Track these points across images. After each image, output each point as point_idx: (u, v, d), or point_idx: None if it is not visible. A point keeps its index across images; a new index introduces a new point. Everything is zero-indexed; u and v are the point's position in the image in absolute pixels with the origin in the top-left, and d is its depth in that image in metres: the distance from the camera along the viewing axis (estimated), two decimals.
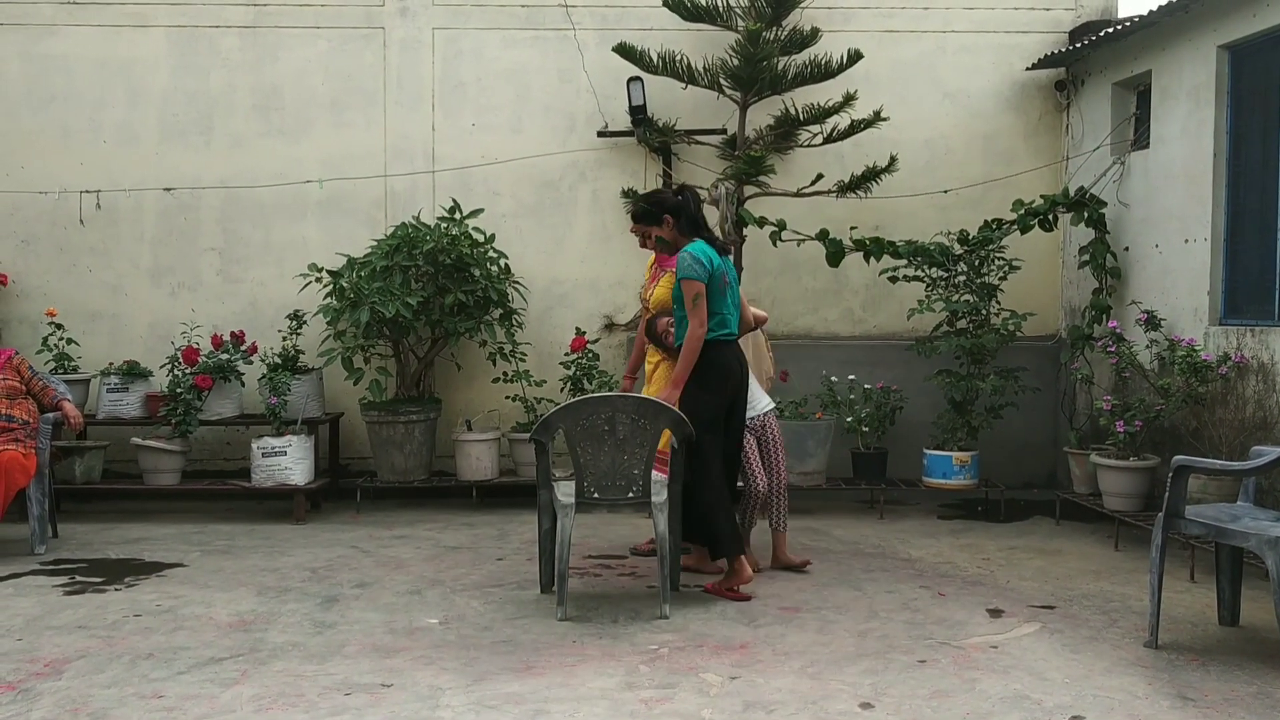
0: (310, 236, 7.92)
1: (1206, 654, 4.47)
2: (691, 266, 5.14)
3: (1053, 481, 7.86)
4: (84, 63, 7.88)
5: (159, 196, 7.92)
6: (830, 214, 7.64)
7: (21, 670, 4.23)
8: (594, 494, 4.99)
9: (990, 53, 8.06)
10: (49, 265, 7.89)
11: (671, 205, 5.37)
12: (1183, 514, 4.59)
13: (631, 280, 7.96)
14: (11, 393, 6.21)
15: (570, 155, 7.98)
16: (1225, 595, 4.84)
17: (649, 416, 4.96)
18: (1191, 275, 6.49)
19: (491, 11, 7.98)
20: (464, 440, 7.32)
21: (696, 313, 5.12)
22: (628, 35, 7.69)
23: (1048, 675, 4.21)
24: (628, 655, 4.41)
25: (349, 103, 7.96)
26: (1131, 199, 7.16)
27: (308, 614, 4.97)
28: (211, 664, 4.30)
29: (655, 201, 5.47)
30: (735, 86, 7.51)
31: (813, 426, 7.28)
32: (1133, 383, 6.82)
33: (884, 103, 7.63)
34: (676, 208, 5.36)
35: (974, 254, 7.36)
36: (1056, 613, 5.03)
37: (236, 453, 7.77)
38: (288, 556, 6.08)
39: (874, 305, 8.10)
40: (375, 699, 3.95)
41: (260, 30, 7.92)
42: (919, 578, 5.66)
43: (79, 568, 5.83)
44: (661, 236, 5.39)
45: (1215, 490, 5.70)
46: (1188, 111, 6.52)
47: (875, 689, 4.05)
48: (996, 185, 7.94)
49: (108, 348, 7.76)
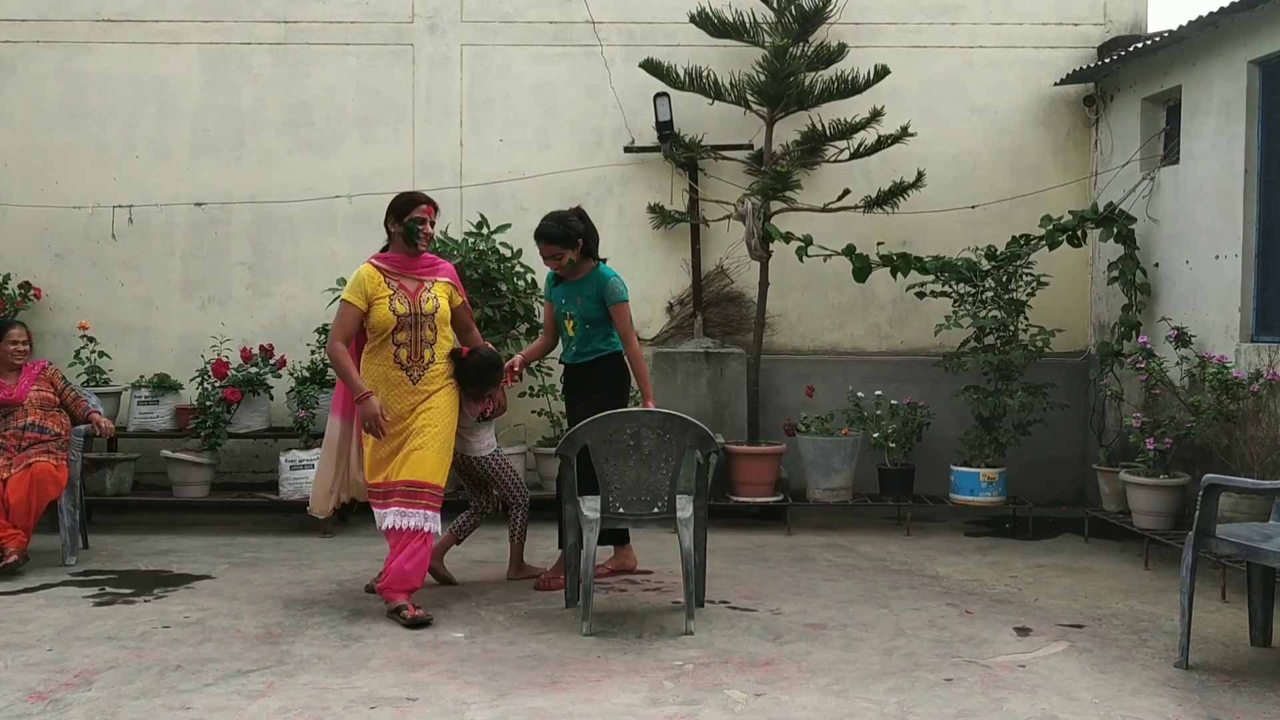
0: (339, 251, 7.98)
1: (1238, 675, 4.42)
2: (624, 291, 5.61)
3: (1081, 499, 7.80)
4: (118, 79, 7.99)
5: (190, 211, 8.01)
6: (857, 229, 7.64)
7: (52, 680, 4.26)
8: (619, 509, 5.00)
9: (1018, 68, 8.03)
10: (82, 279, 7.99)
11: (581, 230, 5.61)
12: (1214, 533, 4.54)
13: (657, 295, 7.99)
14: (45, 404, 6.29)
15: (597, 171, 8.01)
16: (1257, 616, 4.78)
17: (674, 431, 4.96)
18: (1222, 291, 6.43)
19: (519, 28, 8.04)
20: None
21: (634, 330, 5.69)
22: (654, 51, 7.73)
23: (1076, 695, 4.17)
24: (652, 671, 4.40)
25: (378, 118, 8.03)
26: (1161, 214, 7.11)
27: (334, 627, 4.99)
28: (239, 676, 4.32)
29: (569, 225, 5.60)
30: (762, 102, 7.52)
31: (839, 442, 7.26)
32: (1163, 400, 6.76)
33: (911, 118, 7.62)
34: (586, 232, 5.63)
35: (1002, 270, 7.33)
36: (1085, 632, 4.98)
37: (265, 465, 7.82)
38: (315, 569, 6.11)
39: (901, 321, 8.08)
40: (400, 713, 3.96)
41: (291, 47, 8.01)
42: (946, 595, 5.62)
43: (109, 579, 5.88)
44: (573, 259, 5.59)
45: (1247, 509, 5.65)
46: (1218, 127, 6.48)
47: (901, 707, 4.03)
48: (1025, 201, 7.91)
49: (139, 361, 7.84)
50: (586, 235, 5.64)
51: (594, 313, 5.62)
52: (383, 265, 5.24)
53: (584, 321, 5.64)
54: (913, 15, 8.05)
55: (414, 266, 5.28)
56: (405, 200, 5.30)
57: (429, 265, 5.34)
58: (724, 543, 6.63)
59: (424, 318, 5.19)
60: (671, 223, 7.96)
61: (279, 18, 8.01)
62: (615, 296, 5.58)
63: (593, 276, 5.64)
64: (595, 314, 5.62)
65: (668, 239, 8.06)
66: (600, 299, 5.59)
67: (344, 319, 5.20)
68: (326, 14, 8.01)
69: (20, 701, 4.04)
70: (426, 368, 5.20)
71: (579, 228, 5.62)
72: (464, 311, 5.49)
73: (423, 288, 5.24)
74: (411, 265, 5.27)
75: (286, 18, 8.01)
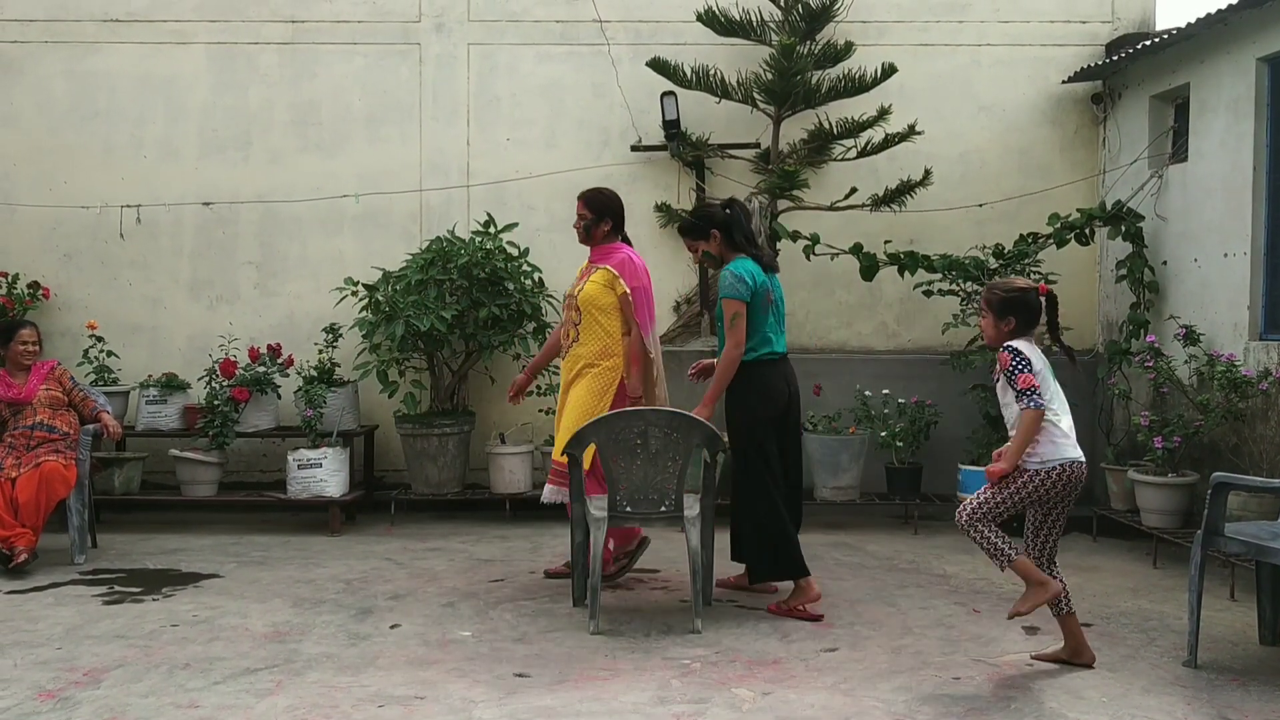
0: (346, 250, 7.99)
1: (1247, 674, 4.41)
2: (733, 285, 5.11)
3: (1089, 498, 7.76)
4: (126, 79, 8.01)
5: (198, 211, 8.02)
6: (864, 228, 7.63)
7: (61, 679, 4.28)
8: (626, 507, 5.00)
9: (1026, 66, 8.02)
10: (90, 278, 8.01)
11: (720, 220, 5.28)
12: (1222, 531, 4.53)
13: (664, 294, 7.98)
14: (54, 404, 6.31)
15: (604, 169, 8.01)
16: (1266, 614, 4.77)
17: (681, 430, 4.96)
18: (1231, 289, 6.42)
19: (526, 27, 8.04)
20: (497, 453, 7.35)
21: (734, 332, 5.09)
22: (661, 50, 7.72)
23: (1084, 694, 4.16)
24: (660, 669, 4.40)
25: (385, 118, 8.04)
26: (1169, 213, 7.09)
27: (342, 625, 5.00)
28: (247, 674, 4.33)
29: (703, 215, 5.39)
30: (769, 101, 7.51)
31: (846, 441, 7.25)
32: (1171, 398, 6.75)
33: (918, 116, 7.61)
34: (725, 222, 5.27)
35: (1009, 268, 7.31)
36: (1093, 630, 4.97)
37: (273, 465, 7.83)
38: (322, 568, 6.12)
39: (908, 319, 8.07)
40: (408, 711, 3.96)
41: (298, 47, 8.02)
42: (954, 594, 5.61)
43: (117, 578, 5.90)
44: (709, 251, 5.32)
45: (1256, 507, 5.63)
46: (1226, 125, 6.46)
47: (909, 706, 4.03)
48: (1032, 199, 7.89)
49: (147, 360, 7.86)
50: (726, 225, 5.23)
51: (719, 310, 5.22)
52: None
53: (719, 320, 5.22)
54: (920, 13, 8.03)
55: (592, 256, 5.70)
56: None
57: (601, 254, 5.64)
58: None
59: (572, 299, 5.61)
60: (678, 221, 7.95)
61: (286, 17, 8.01)
62: (719, 289, 5.17)
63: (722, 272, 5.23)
64: (719, 312, 5.22)
65: (675, 238, 8.01)
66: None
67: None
68: (334, 13, 8.02)
69: (30, 699, 4.05)
70: (570, 346, 5.56)
71: (717, 217, 5.25)
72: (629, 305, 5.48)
73: (588, 273, 5.63)
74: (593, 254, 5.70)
75: (294, 17, 8.01)
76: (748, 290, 5.11)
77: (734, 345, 5.09)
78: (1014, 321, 4.27)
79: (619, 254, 5.57)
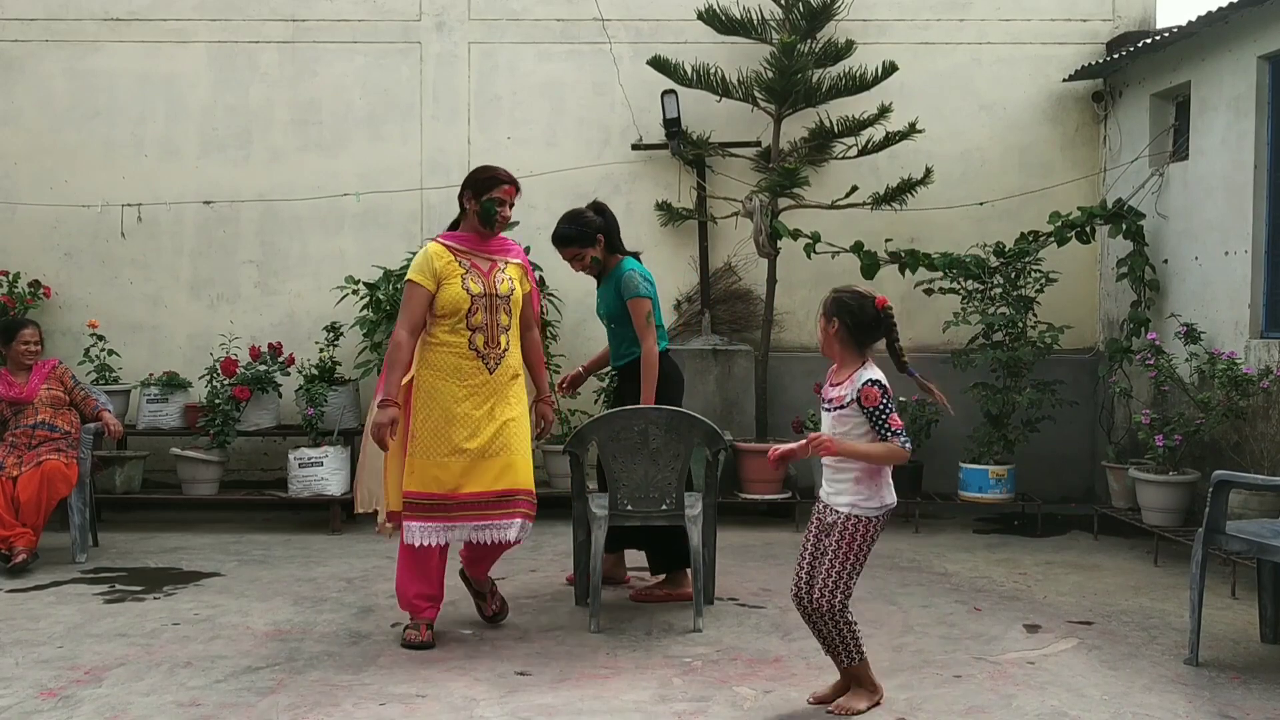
0: (347, 249, 7.99)
1: (1248, 672, 4.41)
2: (641, 285, 5.28)
3: (1090, 496, 7.78)
4: (126, 78, 8.01)
5: (198, 209, 8.02)
6: (865, 226, 7.62)
7: (63, 677, 4.28)
8: (627, 506, 5.00)
9: (1027, 64, 8.01)
10: (91, 277, 8.01)
11: (600, 225, 5.37)
12: (1223, 529, 4.53)
13: (665, 292, 7.93)
14: (55, 403, 6.31)
15: (604, 168, 8.01)
16: (1267, 613, 4.77)
17: (682, 429, 4.96)
18: (1232, 287, 6.41)
19: (527, 26, 8.04)
20: None
21: (650, 330, 5.27)
22: (662, 49, 7.72)
23: (1086, 692, 4.16)
24: (661, 668, 4.40)
25: (385, 117, 8.04)
26: (1170, 211, 7.09)
27: (343, 624, 5.00)
28: (248, 673, 4.34)
29: (584, 223, 5.36)
30: (770, 99, 7.51)
31: None
32: (1172, 396, 6.75)
33: (919, 114, 7.61)
34: (605, 227, 5.39)
35: (1010, 266, 7.32)
36: (1095, 629, 4.97)
37: (273, 463, 7.84)
38: (323, 566, 6.12)
39: (909, 318, 8.04)
40: (409, 709, 3.96)
41: (299, 45, 8.02)
42: (955, 592, 5.62)
43: (119, 576, 5.90)
44: (596, 257, 5.37)
45: (1257, 505, 5.63)
46: (1227, 123, 6.46)
47: (910, 704, 4.03)
48: (1033, 197, 7.89)
49: (148, 359, 7.86)
50: (607, 229, 5.36)
51: (616, 310, 5.33)
52: (451, 243, 4.77)
53: (609, 321, 5.41)
54: (921, 11, 8.03)
55: (485, 246, 4.81)
56: (486, 176, 4.80)
57: (501, 246, 4.88)
58: (732, 540, 6.63)
59: (499, 299, 4.72)
60: (679, 220, 7.95)
61: (287, 16, 8.01)
62: (630, 290, 5.24)
63: (615, 272, 5.35)
64: (618, 312, 5.33)
65: (675, 236, 8.06)
66: (620, 295, 5.29)
67: (411, 303, 4.65)
68: (334, 12, 8.02)
69: (31, 698, 4.05)
70: (503, 355, 4.72)
71: (596, 223, 5.33)
72: (531, 302, 4.96)
73: (496, 268, 4.77)
74: (483, 245, 4.80)
75: (294, 16, 8.01)
76: (650, 288, 5.32)
77: (653, 343, 5.27)
78: (838, 324, 3.99)
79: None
